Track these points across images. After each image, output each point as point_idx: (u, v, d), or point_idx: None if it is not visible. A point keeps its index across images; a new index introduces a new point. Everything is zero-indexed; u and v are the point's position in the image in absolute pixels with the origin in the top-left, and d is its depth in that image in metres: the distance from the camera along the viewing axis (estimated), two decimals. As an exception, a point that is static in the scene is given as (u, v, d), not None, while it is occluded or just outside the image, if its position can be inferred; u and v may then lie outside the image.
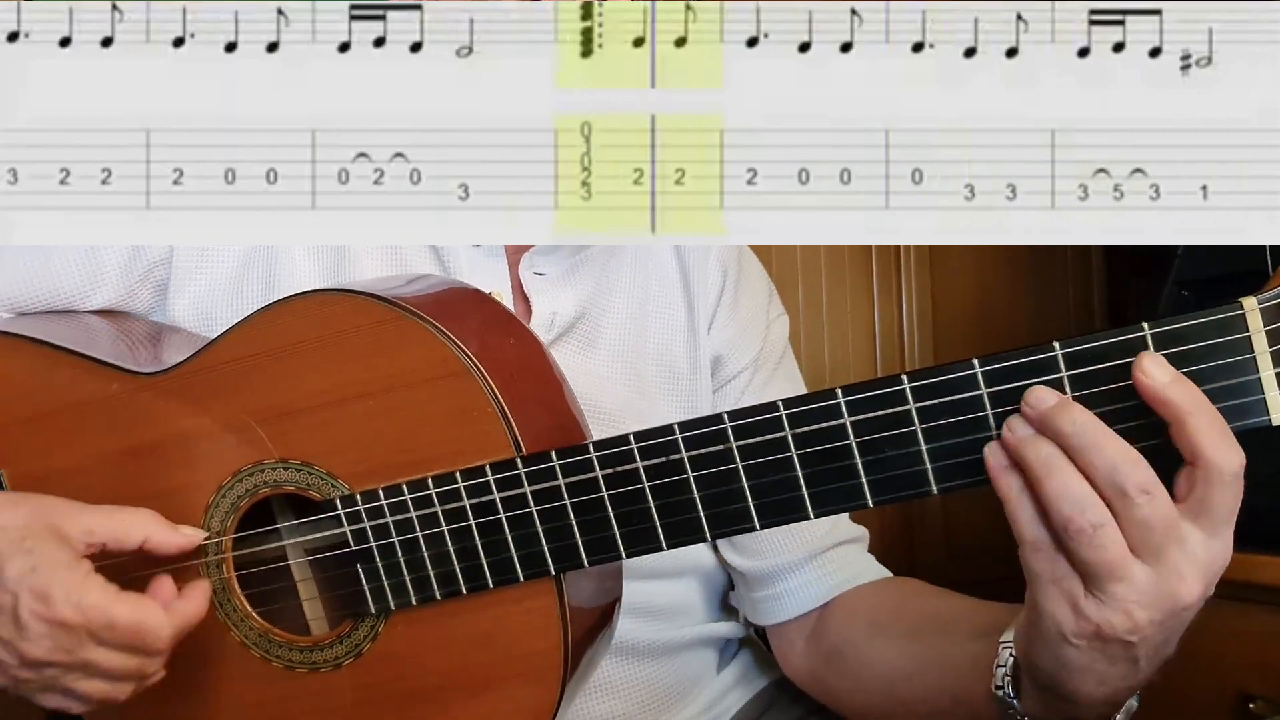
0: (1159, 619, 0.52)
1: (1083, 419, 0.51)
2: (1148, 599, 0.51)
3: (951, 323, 1.92)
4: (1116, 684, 0.55)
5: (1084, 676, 0.55)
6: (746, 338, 0.90)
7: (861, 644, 0.80)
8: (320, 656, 0.66)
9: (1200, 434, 0.49)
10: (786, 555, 0.85)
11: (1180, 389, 0.50)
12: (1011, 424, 0.52)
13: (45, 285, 0.77)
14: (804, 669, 0.86)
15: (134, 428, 0.68)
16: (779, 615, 0.87)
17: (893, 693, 0.76)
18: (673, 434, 0.58)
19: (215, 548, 0.66)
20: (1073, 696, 0.56)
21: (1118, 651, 0.53)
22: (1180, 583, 0.51)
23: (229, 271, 0.78)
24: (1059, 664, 0.55)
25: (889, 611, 0.81)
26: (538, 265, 0.82)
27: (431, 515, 0.62)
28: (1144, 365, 0.51)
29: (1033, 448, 0.51)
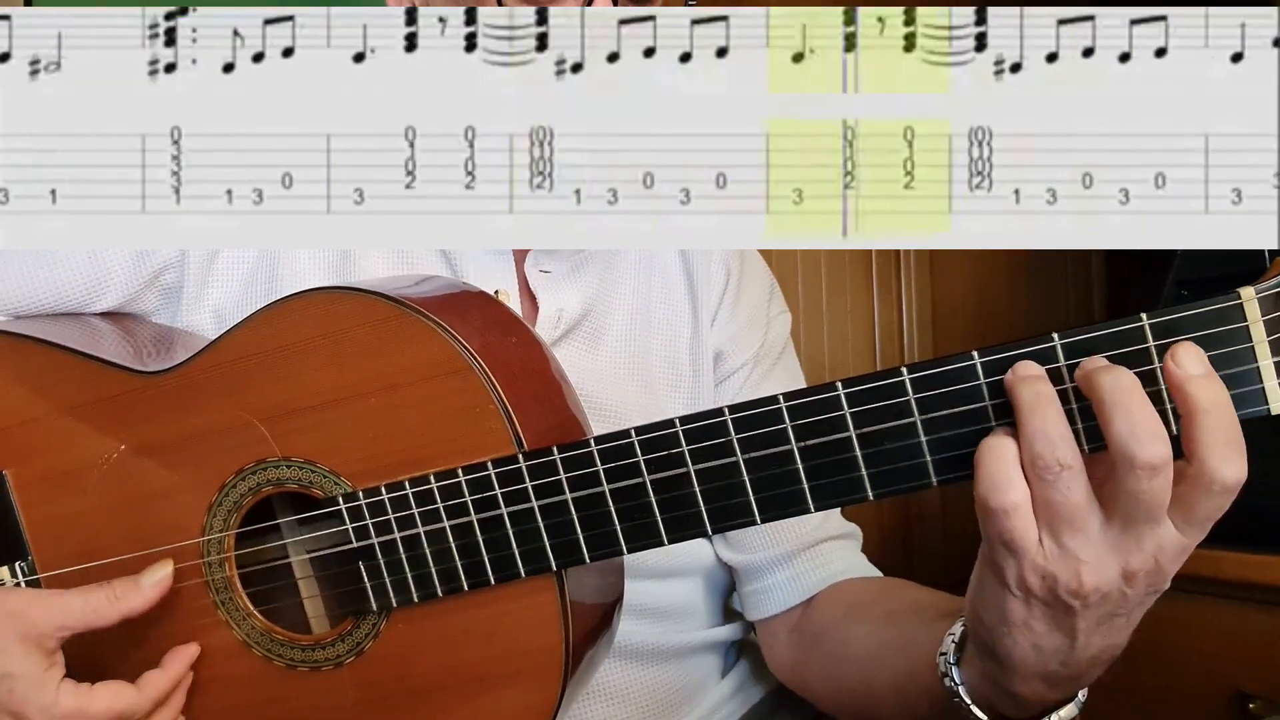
0: (1104, 589, 0.52)
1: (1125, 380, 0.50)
2: (1098, 563, 0.51)
3: (951, 323, 1.92)
4: (1050, 656, 0.55)
5: (1021, 634, 0.54)
6: (747, 334, 0.91)
7: (838, 629, 0.80)
8: (322, 655, 0.66)
9: (1206, 435, 0.49)
10: (774, 549, 0.85)
11: (1203, 386, 0.49)
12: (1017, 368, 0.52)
13: (50, 290, 0.77)
14: (786, 663, 0.87)
15: (137, 427, 0.68)
16: (766, 610, 0.87)
17: (863, 675, 0.76)
18: (673, 428, 0.58)
19: (218, 546, 0.67)
20: (1007, 659, 0.56)
21: (1059, 616, 0.53)
22: (1134, 557, 0.51)
23: (243, 274, 0.78)
24: (999, 616, 0.54)
25: (869, 599, 0.81)
26: (543, 263, 0.83)
27: (433, 511, 0.62)
28: (1177, 353, 0.50)
29: (1029, 387, 0.51)
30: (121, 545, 0.68)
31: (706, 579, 0.90)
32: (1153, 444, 0.49)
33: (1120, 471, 0.50)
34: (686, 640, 0.86)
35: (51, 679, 0.61)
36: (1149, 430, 0.49)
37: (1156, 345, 0.52)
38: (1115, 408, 0.49)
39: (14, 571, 0.70)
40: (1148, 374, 0.52)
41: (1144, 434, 0.49)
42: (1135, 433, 0.49)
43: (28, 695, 0.60)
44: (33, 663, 0.61)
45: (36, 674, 0.61)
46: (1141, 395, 0.50)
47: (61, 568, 0.70)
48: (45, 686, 0.61)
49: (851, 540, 0.89)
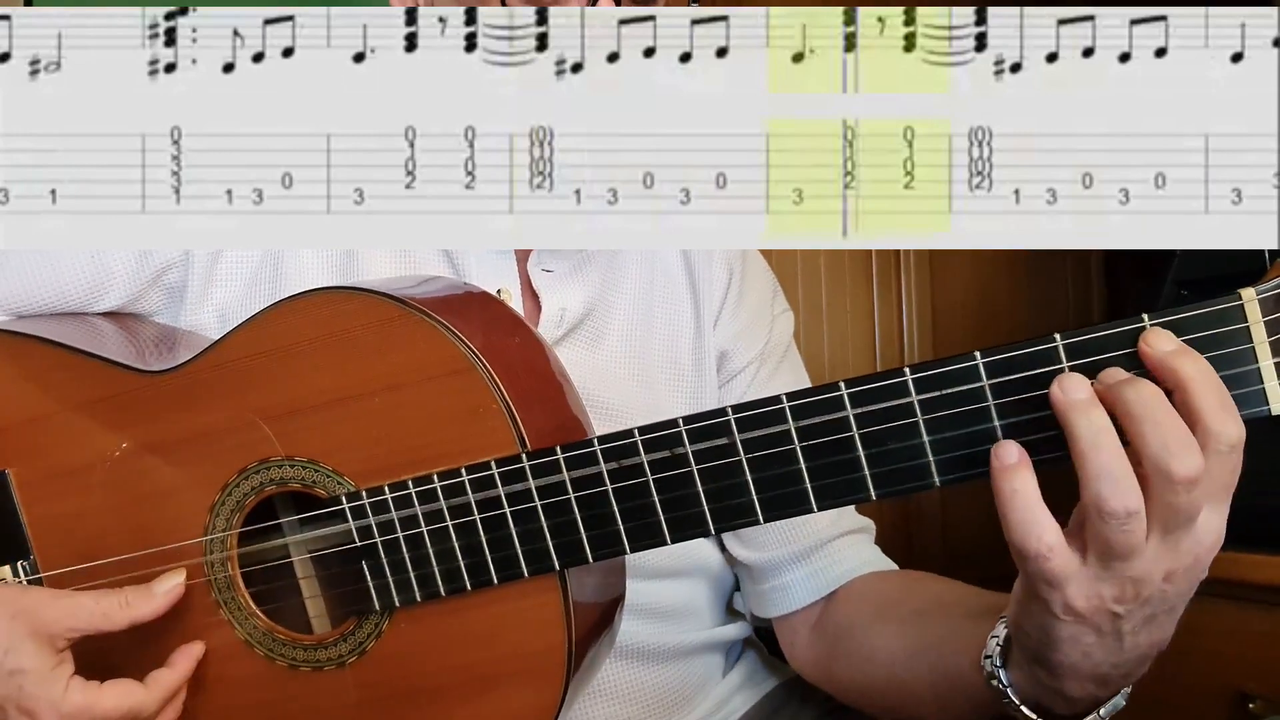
0: (1146, 594, 0.52)
1: (1150, 394, 0.50)
2: (1143, 575, 0.52)
3: (951, 323, 1.93)
4: (1100, 659, 0.55)
5: (1069, 646, 0.55)
6: (751, 333, 0.91)
7: (865, 629, 0.80)
8: (324, 655, 0.66)
9: (1202, 402, 0.49)
10: (791, 546, 0.85)
11: (1183, 358, 0.50)
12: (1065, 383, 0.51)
13: (52, 289, 0.77)
14: (809, 660, 0.87)
15: (140, 426, 0.68)
16: (784, 607, 0.87)
17: (893, 676, 0.76)
18: (676, 427, 0.58)
19: (220, 545, 0.67)
20: (1058, 669, 0.56)
21: (1105, 625, 0.53)
22: (1174, 560, 0.52)
23: (247, 274, 0.78)
24: (1044, 634, 0.55)
25: (893, 597, 0.81)
26: (546, 262, 0.83)
27: (437, 511, 0.62)
28: (1148, 337, 0.51)
29: (1084, 417, 0.51)
30: (124, 544, 0.68)
31: (708, 579, 0.90)
32: (1187, 456, 0.49)
33: (1158, 486, 0.50)
34: (688, 640, 0.86)
35: (60, 676, 0.62)
36: (1182, 442, 0.49)
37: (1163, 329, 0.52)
38: (1144, 422, 0.50)
39: (16, 571, 0.70)
40: (1149, 375, 0.52)
41: (1177, 447, 0.49)
42: (1169, 446, 0.49)
43: (37, 691, 0.61)
44: (42, 659, 0.61)
45: (45, 671, 0.61)
46: (1167, 406, 0.50)
47: (63, 567, 0.70)
48: (54, 683, 0.61)
49: (866, 534, 0.89)
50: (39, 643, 0.62)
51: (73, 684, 0.62)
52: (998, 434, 0.54)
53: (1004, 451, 0.52)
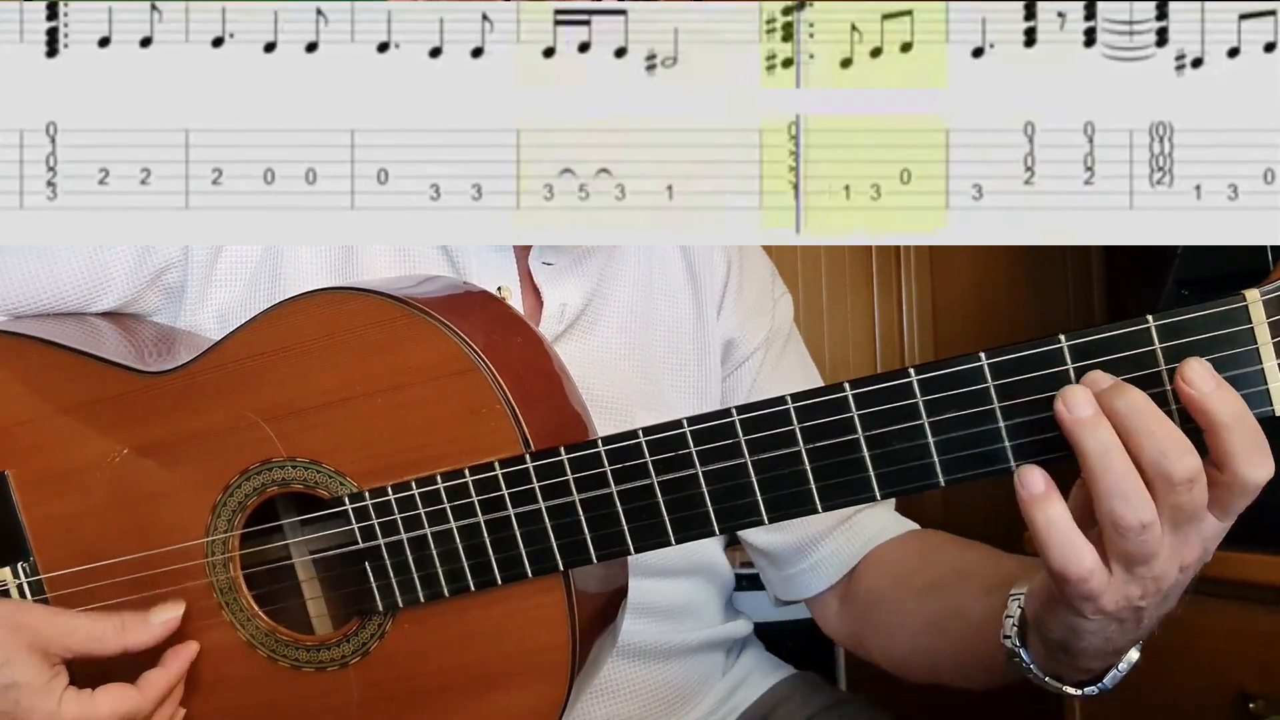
0: (1165, 587, 0.54)
1: (1138, 401, 0.51)
2: (1163, 571, 0.53)
3: (951, 323, 1.93)
4: (1120, 642, 0.58)
5: (1094, 638, 0.57)
6: (756, 318, 0.91)
7: (888, 600, 0.82)
8: (327, 655, 0.66)
9: (1235, 446, 0.50)
10: (817, 524, 0.86)
11: (1220, 400, 0.50)
12: (1069, 400, 0.51)
13: (50, 289, 0.77)
14: (843, 631, 0.88)
15: (140, 427, 0.68)
16: (815, 587, 0.88)
17: (917, 646, 0.79)
18: (681, 428, 0.58)
19: (222, 547, 0.67)
20: (1080, 654, 0.58)
21: (1128, 615, 0.55)
22: (1187, 553, 0.53)
23: (247, 274, 0.78)
24: (1071, 631, 0.57)
25: (911, 566, 0.83)
26: (546, 256, 0.82)
27: (440, 512, 0.62)
28: (1187, 374, 0.51)
29: (1092, 433, 0.51)
30: (124, 545, 0.68)
31: (710, 578, 0.90)
32: (1184, 459, 0.50)
33: (1160, 490, 0.51)
34: (690, 639, 0.87)
35: (55, 688, 0.63)
36: (1178, 447, 0.50)
37: (1162, 347, 0.52)
38: (1139, 434, 0.50)
39: (16, 572, 0.70)
40: (1153, 376, 0.52)
41: (1174, 452, 0.50)
42: (1165, 453, 0.50)
43: (33, 704, 0.62)
44: (37, 672, 0.63)
45: (41, 683, 0.62)
46: (1157, 413, 0.51)
47: (63, 568, 0.70)
48: (49, 695, 0.63)
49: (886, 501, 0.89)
50: (35, 656, 0.63)
51: (67, 696, 0.63)
52: (1003, 434, 0.54)
53: (1030, 480, 0.53)
